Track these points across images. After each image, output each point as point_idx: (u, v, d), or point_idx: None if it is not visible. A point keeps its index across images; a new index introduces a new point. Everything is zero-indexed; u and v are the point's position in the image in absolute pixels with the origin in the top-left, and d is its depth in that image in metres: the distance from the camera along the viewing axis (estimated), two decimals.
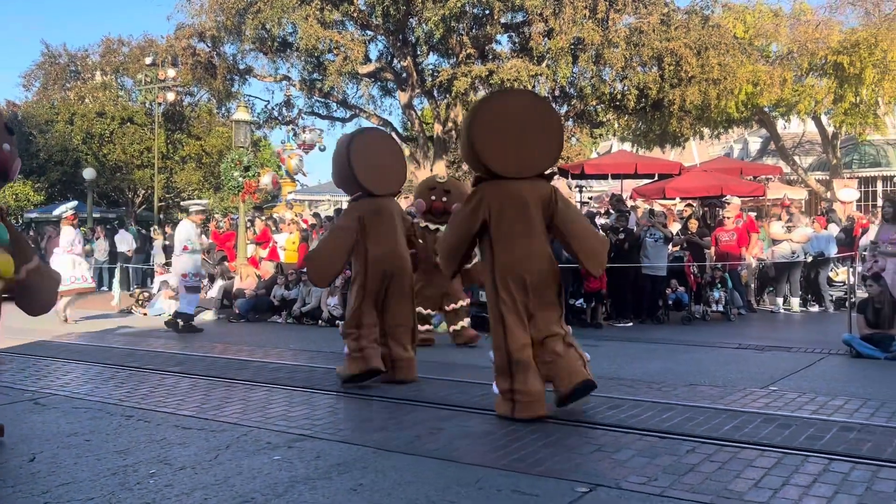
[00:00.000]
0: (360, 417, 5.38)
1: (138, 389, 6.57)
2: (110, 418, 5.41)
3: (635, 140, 26.74)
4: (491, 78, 17.31)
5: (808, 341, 9.37)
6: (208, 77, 21.02)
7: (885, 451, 4.37)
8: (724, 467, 4.10)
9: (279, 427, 5.07)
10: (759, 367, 7.50)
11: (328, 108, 23.30)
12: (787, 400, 5.84)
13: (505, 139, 5.43)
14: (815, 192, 25.81)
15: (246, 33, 19.12)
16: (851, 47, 21.10)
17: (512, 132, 5.43)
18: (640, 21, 17.53)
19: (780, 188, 22.52)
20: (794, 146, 29.83)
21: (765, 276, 13.74)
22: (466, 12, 17.43)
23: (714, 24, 18.88)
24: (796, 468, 4.07)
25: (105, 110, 31.22)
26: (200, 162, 32.26)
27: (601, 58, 17.55)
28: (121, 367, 7.74)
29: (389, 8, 17.49)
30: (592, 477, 3.94)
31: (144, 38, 25.93)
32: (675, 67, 17.41)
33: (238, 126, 15.98)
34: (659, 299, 11.88)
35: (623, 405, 5.62)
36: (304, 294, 12.36)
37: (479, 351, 8.79)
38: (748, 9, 23.49)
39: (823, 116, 24.77)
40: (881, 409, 5.52)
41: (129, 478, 4.01)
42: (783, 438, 4.66)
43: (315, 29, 17.58)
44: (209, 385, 6.74)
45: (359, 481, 3.92)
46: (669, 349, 8.97)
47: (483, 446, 4.56)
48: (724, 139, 30.87)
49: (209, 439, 4.77)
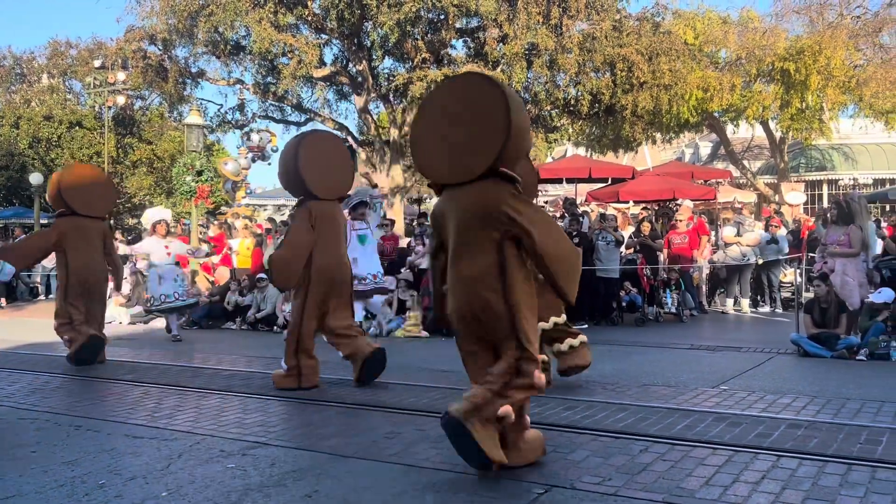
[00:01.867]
0: (316, 424, 5.34)
1: (88, 399, 6.43)
2: (58, 429, 5.28)
3: (589, 145, 27.06)
4: None
5: (757, 341, 9.58)
6: (159, 80, 20.64)
7: (830, 446, 4.49)
8: (677, 466, 4.17)
9: (233, 435, 5.00)
10: (711, 367, 7.64)
11: (283, 111, 23.06)
12: (737, 399, 5.96)
13: (436, 143, 4.34)
14: (763, 196, 26.41)
15: (198, 36, 18.83)
16: (797, 54, 21.67)
17: (440, 132, 4.31)
18: (593, 27, 17.72)
19: (730, 191, 23.03)
20: (743, 150, 30.53)
21: (716, 277, 14.01)
22: (422, 17, 17.42)
23: (665, 31, 19.18)
24: (746, 465, 4.15)
25: (52, 114, 30.50)
26: (152, 167, 31.69)
27: (555, 63, 17.71)
28: (70, 377, 7.57)
29: (344, 12, 17.40)
30: (548, 478, 3.97)
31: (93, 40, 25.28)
32: (628, 73, 17.65)
33: (190, 130, 15.78)
34: (613, 301, 12.02)
35: (577, 406, 5.68)
36: (259, 300, 12.23)
37: (433, 354, 8.80)
38: (698, 16, 23.95)
39: (771, 122, 25.38)
40: (827, 406, 5.66)
41: (77, 489, 3.92)
42: (733, 436, 4.75)
43: (269, 32, 17.40)
44: (161, 393, 6.62)
45: (314, 488, 3.88)
46: (623, 350, 9.08)
47: (440, 450, 4.56)
48: (675, 144, 31.43)
49: (161, 448, 4.69)
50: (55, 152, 29.95)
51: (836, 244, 9.11)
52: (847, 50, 22.62)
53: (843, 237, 9.03)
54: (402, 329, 10.81)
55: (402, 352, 9.13)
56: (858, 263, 9.04)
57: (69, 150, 29.77)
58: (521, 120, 4.14)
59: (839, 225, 9.21)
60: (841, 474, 3.97)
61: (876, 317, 8.34)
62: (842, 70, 21.96)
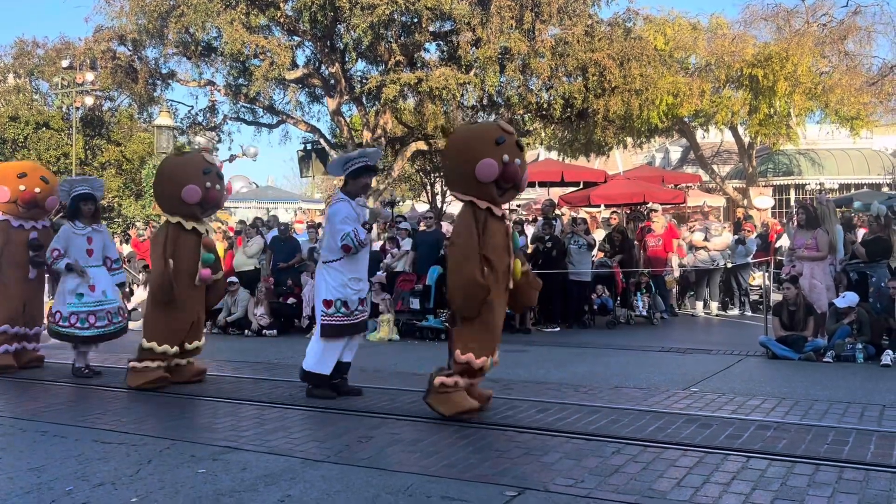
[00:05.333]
0: (288, 428, 5.29)
1: (55, 404, 6.32)
2: (23, 434, 5.18)
3: (561, 149, 27.21)
4: (420, 86, 17.35)
5: (727, 344, 9.69)
6: (129, 81, 20.40)
7: (798, 447, 4.56)
8: (648, 468, 4.20)
9: (203, 439, 4.94)
10: (681, 370, 7.71)
11: (254, 113, 22.92)
12: (707, 400, 6.02)
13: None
14: (732, 200, 26.75)
15: (168, 37, 18.64)
16: (765, 60, 21.98)
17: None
18: (565, 32, 17.84)
19: (699, 196, 23.31)
20: (713, 155, 30.92)
21: (686, 281, 14.16)
22: (395, 20, 17.42)
23: (636, 37, 19.37)
24: (716, 466, 4.20)
25: (18, 114, 29.95)
26: (121, 168, 31.24)
27: (528, 67, 17.80)
28: (35, 381, 7.43)
29: (317, 14, 17.34)
30: (521, 480, 3.98)
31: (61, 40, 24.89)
32: (599, 78, 17.78)
33: (160, 132, 15.65)
34: (585, 304, 12.10)
35: (550, 408, 5.70)
36: (230, 304, 12.12)
37: (406, 357, 8.79)
38: (668, 22, 24.21)
39: (740, 127, 25.71)
40: (795, 407, 5.75)
41: (43, 496, 3.85)
42: (704, 438, 4.81)
43: (240, 33, 17.28)
44: (130, 398, 6.54)
45: (286, 492, 3.85)
46: (595, 353, 9.13)
47: (412, 453, 4.55)
48: (646, 148, 31.73)
49: (130, 454, 4.62)
50: (21, 153, 29.41)
51: (804, 248, 9.25)
52: (813, 57, 23.01)
53: (811, 241, 9.17)
54: (375, 333, 10.78)
55: (375, 355, 9.10)
56: (826, 267, 9.19)
57: (36, 152, 29.24)
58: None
59: (807, 229, 9.35)
60: (809, 474, 4.03)
61: (842, 320, 8.48)
62: (808, 76, 22.33)
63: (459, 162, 5.56)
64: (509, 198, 5.84)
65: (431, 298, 10.79)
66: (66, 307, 7.47)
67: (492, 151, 5.35)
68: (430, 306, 10.83)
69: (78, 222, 7.67)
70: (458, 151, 5.64)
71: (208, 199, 7.00)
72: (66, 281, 7.52)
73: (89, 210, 7.74)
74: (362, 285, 6.36)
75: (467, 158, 5.43)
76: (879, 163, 30.83)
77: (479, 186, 5.41)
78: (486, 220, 5.40)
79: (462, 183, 5.56)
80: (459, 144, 5.70)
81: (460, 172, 5.56)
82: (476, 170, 5.33)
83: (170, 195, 6.97)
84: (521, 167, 5.51)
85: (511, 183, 5.49)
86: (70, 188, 7.82)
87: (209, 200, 7.02)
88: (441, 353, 8.37)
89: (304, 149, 23.90)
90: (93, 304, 7.54)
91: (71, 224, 7.68)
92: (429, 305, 10.84)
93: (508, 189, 5.55)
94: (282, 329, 11.78)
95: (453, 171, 5.79)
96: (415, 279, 11.35)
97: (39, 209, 8.22)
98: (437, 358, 8.74)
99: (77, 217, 7.68)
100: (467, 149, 5.51)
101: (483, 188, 5.40)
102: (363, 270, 6.39)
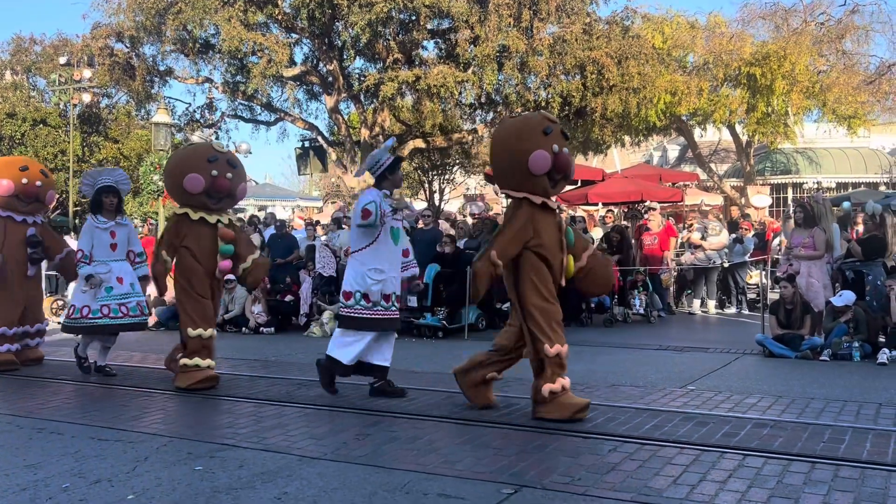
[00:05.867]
0: (285, 425, 5.30)
1: (51, 401, 6.31)
2: (20, 431, 5.18)
3: None
4: (418, 83, 17.35)
5: (724, 342, 9.70)
6: (127, 78, 20.38)
7: (795, 445, 4.56)
8: (645, 465, 4.21)
9: (200, 437, 4.94)
10: (679, 368, 7.72)
11: (252, 111, 22.91)
12: (704, 398, 6.03)
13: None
14: (730, 198, 26.78)
15: (166, 34, 18.63)
16: (763, 59, 22.01)
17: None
18: (563, 30, 17.84)
19: (697, 194, 23.31)
20: (710, 154, 30.95)
21: (683, 279, 14.17)
22: (393, 17, 17.41)
23: (634, 35, 19.37)
24: (713, 464, 4.21)
25: (16, 111, 29.90)
26: (118, 166, 31.25)
27: (526, 66, 17.80)
28: (32, 378, 7.42)
29: (315, 11, 17.33)
30: (517, 478, 3.98)
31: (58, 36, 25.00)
32: (597, 76, 17.79)
33: (158, 129, 15.60)
34: (581, 302, 12.09)
35: None
36: (227, 301, 12.10)
37: (403, 355, 8.78)
38: (666, 20, 24.23)
39: (737, 125, 25.74)
40: (791, 405, 5.76)
41: (39, 493, 3.85)
42: (700, 436, 4.81)
43: (238, 31, 17.27)
44: (127, 395, 6.54)
45: (283, 490, 3.85)
46: (592, 351, 9.14)
47: (410, 451, 4.55)
48: (644, 146, 31.75)
49: (127, 451, 4.62)
50: (19, 150, 29.35)
51: (801, 246, 9.26)
52: (811, 56, 23.06)
53: (808, 239, 9.18)
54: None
55: None
56: (822, 265, 9.20)
57: (33, 148, 29.21)
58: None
59: (803, 227, 9.36)
60: (805, 472, 4.04)
61: (839, 318, 8.49)
62: (806, 75, 22.37)
63: (510, 156, 5.34)
64: (560, 189, 5.68)
65: (429, 296, 10.79)
66: (96, 301, 7.26)
67: (542, 142, 5.18)
68: (428, 304, 10.83)
69: (100, 216, 7.45)
70: (508, 146, 5.39)
71: (216, 188, 6.71)
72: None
73: (111, 203, 7.49)
74: (385, 276, 6.06)
75: (518, 152, 5.22)
76: (877, 161, 30.89)
77: (532, 180, 5.23)
78: (536, 216, 5.27)
79: (514, 178, 5.35)
80: (508, 138, 5.44)
81: (512, 167, 5.33)
82: (529, 162, 5.15)
83: (174, 185, 6.84)
84: (570, 155, 5.46)
85: (563, 173, 5.37)
86: (94, 181, 7.58)
87: (218, 189, 6.73)
88: (438, 351, 8.38)
89: (301, 146, 23.90)
90: (121, 295, 7.39)
91: (93, 218, 7.46)
92: (426, 303, 10.84)
93: (560, 180, 5.45)
94: (279, 327, 11.78)
95: (504, 167, 5.48)
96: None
97: (39, 203, 8.15)
98: (434, 356, 8.77)
99: (99, 211, 7.47)
100: (517, 142, 5.28)
101: (536, 181, 5.24)
102: (385, 262, 6.09)
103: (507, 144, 5.42)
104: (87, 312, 7.30)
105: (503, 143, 5.49)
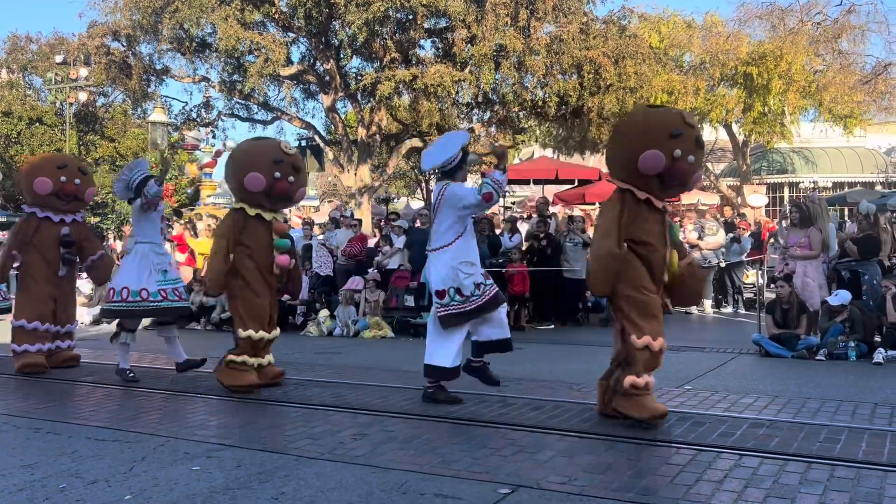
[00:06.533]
0: (281, 425, 5.30)
1: (48, 400, 6.30)
2: (16, 431, 5.17)
3: (556, 146, 27.25)
4: (415, 83, 17.35)
5: (720, 341, 9.71)
6: (123, 77, 20.35)
7: (791, 445, 4.57)
8: (641, 465, 4.22)
9: (198, 437, 4.94)
10: (675, 367, 7.71)
11: (249, 110, 22.90)
12: (700, 398, 6.04)
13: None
14: (726, 198, 26.81)
15: (163, 33, 18.62)
16: (759, 59, 22.06)
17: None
18: (560, 29, 17.86)
19: (693, 193, 23.31)
20: (707, 153, 30.94)
21: None
22: (390, 16, 17.41)
23: (631, 34, 19.40)
24: (709, 464, 4.21)
25: (12, 110, 29.87)
26: (115, 164, 31.18)
27: (523, 65, 17.81)
28: (28, 378, 7.40)
29: (312, 10, 17.32)
30: (514, 478, 3.99)
31: (55, 35, 24.81)
32: (594, 75, 17.81)
33: (154, 128, 15.61)
34: (579, 302, 12.11)
35: (544, 406, 5.71)
36: (224, 301, 12.08)
37: (400, 354, 8.79)
38: (663, 20, 24.27)
39: (734, 125, 25.78)
40: (788, 405, 5.77)
41: (36, 493, 3.84)
42: (697, 436, 4.82)
43: (235, 29, 17.26)
44: (124, 395, 6.53)
45: (280, 490, 3.86)
46: (590, 351, 9.14)
47: (406, 451, 4.56)
48: None
49: (124, 451, 4.62)
50: (14, 149, 29.32)
51: (797, 246, 9.28)
52: (807, 55, 23.11)
53: (804, 239, 9.20)
54: (367, 331, 10.79)
55: (369, 352, 9.11)
56: (819, 265, 9.22)
57: (29, 147, 29.18)
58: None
59: (799, 227, 9.38)
60: (801, 472, 4.05)
61: (835, 318, 8.51)
62: (802, 75, 22.42)
63: (625, 147, 5.08)
64: (673, 195, 5.40)
65: (426, 295, 10.79)
66: (154, 284, 7.01)
67: (663, 143, 4.84)
68: (425, 303, 10.84)
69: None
70: (627, 136, 5.13)
71: (276, 190, 6.45)
72: (150, 257, 7.09)
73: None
74: (475, 269, 5.85)
75: (634, 146, 4.93)
76: (873, 161, 30.96)
77: (639, 177, 4.96)
78: (637, 205, 5.01)
79: (623, 170, 5.09)
80: (631, 129, 5.17)
81: (623, 159, 5.08)
82: (640, 160, 4.86)
83: (234, 180, 6.59)
84: (695, 165, 5.02)
85: (678, 180, 5.04)
86: (131, 176, 7.23)
87: (277, 192, 6.48)
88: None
89: (298, 145, 23.89)
90: (174, 280, 7.27)
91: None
92: (423, 303, 10.84)
93: (674, 186, 5.16)
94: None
95: (616, 156, 5.22)
96: (409, 276, 11.35)
97: (79, 202, 7.93)
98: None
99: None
100: (638, 135, 4.99)
101: (644, 181, 4.97)
102: (474, 254, 5.92)
103: (627, 135, 5.18)
104: (146, 295, 6.97)
105: (625, 132, 5.27)
